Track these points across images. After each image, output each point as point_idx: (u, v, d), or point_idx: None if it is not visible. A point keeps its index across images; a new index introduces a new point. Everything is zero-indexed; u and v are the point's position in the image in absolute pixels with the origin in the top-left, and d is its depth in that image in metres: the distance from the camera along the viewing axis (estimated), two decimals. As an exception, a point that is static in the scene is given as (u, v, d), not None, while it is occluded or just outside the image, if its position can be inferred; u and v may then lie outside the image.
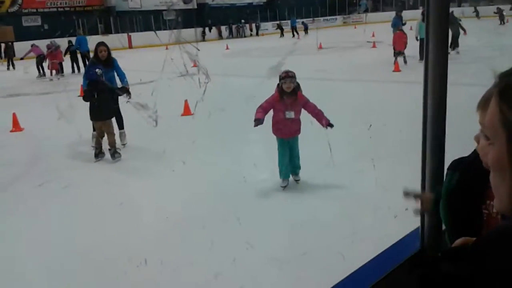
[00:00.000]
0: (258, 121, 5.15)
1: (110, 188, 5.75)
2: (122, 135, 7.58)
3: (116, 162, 6.78)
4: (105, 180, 6.09)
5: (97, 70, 6.92)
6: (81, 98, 7.28)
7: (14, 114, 9.54)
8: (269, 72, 9.12)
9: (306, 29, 35.83)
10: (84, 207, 5.19)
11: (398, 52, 14.88)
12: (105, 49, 7.57)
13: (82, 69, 18.82)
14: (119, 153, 6.86)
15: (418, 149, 1.66)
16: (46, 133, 8.72)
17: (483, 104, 1.12)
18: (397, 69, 13.97)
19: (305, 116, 5.41)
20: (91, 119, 7.03)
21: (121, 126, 7.57)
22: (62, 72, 19.04)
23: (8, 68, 22.59)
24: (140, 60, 18.48)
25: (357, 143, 6.62)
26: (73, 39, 20.01)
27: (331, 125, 5.16)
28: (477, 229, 1.33)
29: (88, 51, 19.48)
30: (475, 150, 1.27)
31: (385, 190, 4.42)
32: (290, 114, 5.23)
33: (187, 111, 9.27)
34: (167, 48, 24.52)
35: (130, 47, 31.70)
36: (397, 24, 16.84)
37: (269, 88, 5.47)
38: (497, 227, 0.83)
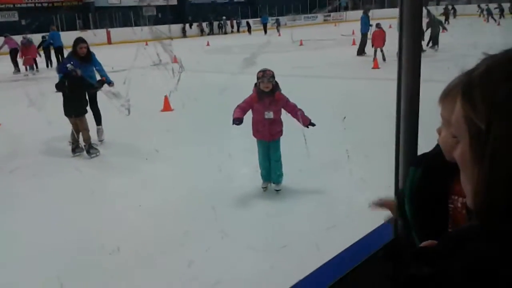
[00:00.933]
0: (237, 121, 4.94)
1: (84, 179, 5.66)
2: (99, 131, 7.48)
3: (92, 158, 6.70)
4: (79, 172, 5.95)
5: (68, 65, 6.79)
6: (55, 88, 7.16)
7: None
8: (243, 63, 9.16)
9: (278, 26, 35.29)
10: (58, 197, 5.14)
11: (377, 49, 15.11)
12: (86, 46, 7.39)
13: (55, 64, 18.82)
14: (96, 149, 6.79)
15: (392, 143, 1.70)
16: (23, 128, 8.60)
17: (444, 97, 1.14)
18: (376, 66, 14.16)
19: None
20: (65, 115, 6.88)
21: (98, 122, 7.45)
22: (37, 67, 18.95)
23: None
24: (119, 55, 18.32)
25: (332, 135, 6.61)
26: (47, 35, 20.00)
27: (312, 124, 5.00)
28: (443, 224, 1.32)
29: (61, 47, 19.72)
30: (437, 144, 1.27)
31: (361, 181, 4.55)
32: (269, 115, 5.01)
33: (167, 107, 9.20)
34: (146, 44, 24.29)
35: (109, 42, 31.41)
36: (366, 23, 16.89)
37: (242, 80, 5.42)
38: (458, 229, 0.85)
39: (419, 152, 1.62)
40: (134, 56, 5.15)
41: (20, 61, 18.93)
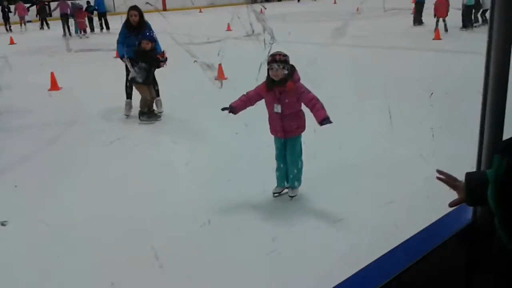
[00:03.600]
0: (229, 108, 4.35)
1: (179, 150, 5.81)
2: (158, 102, 7.53)
3: (145, 123, 7.01)
4: (175, 144, 6.12)
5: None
6: (119, 59, 7.35)
7: (52, 74, 9.82)
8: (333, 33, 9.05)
9: None
10: (150, 168, 5.33)
11: (439, 19, 14.52)
12: (136, 14, 7.19)
13: (97, 29, 20.73)
14: (153, 116, 7.12)
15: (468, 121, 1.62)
16: (83, 92, 8.98)
17: None
18: (437, 37, 13.55)
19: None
20: (132, 81, 7.09)
21: (157, 93, 7.46)
22: (85, 32, 20.17)
23: (41, 28, 23.43)
24: (178, 22, 18.58)
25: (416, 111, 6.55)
26: (92, 0, 21.03)
27: (327, 121, 4.06)
28: None
29: (105, 12, 21.01)
30: None
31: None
32: (278, 108, 4.27)
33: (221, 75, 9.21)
34: (200, 11, 24.28)
35: (164, 9, 31.69)
36: None
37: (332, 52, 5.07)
38: None
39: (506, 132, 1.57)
40: (228, 25, 5.14)
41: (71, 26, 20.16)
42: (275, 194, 4.47)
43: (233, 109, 4.35)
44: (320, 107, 4.13)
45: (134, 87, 7.16)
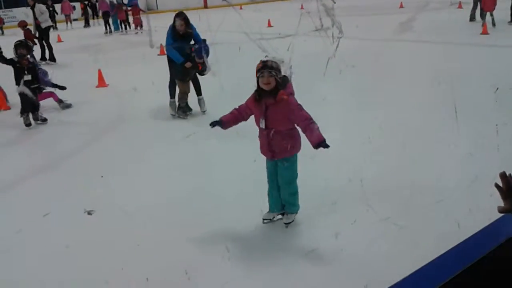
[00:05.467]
0: (217, 123, 3.83)
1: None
2: (201, 101, 7.52)
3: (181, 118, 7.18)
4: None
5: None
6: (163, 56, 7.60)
7: (99, 71, 10.07)
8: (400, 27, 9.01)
9: None
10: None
11: (486, 13, 14.09)
12: (183, 23, 7.04)
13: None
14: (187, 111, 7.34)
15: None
16: (129, 89, 9.13)
17: None
18: (485, 31, 13.06)
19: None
20: (178, 78, 7.24)
21: (199, 92, 7.48)
22: (125, 28, 21.24)
23: (86, 26, 24.71)
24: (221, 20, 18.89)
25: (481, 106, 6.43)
26: None
27: (323, 145, 3.50)
28: None
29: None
30: None
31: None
32: (262, 123, 3.70)
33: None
34: (241, 8, 24.41)
35: (206, 6, 31.96)
36: None
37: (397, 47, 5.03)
38: None
39: None
40: (298, 22, 5.19)
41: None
42: (265, 221, 3.99)
43: (223, 123, 3.84)
44: (315, 128, 3.53)
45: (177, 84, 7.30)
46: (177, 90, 7.40)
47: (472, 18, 15.67)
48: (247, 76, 3.76)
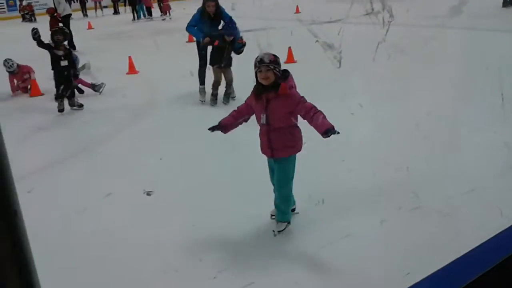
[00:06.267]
0: (217, 127, 3.69)
1: None
2: (230, 88, 7.48)
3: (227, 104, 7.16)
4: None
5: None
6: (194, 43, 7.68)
7: (130, 58, 10.21)
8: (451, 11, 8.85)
9: None
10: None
11: None
12: (213, 4, 7.11)
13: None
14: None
15: None
16: (159, 76, 9.34)
17: None
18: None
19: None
20: (211, 63, 7.30)
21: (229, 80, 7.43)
22: (151, 14, 21.62)
23: (115, 13, 25.23)
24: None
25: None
26: None
27: (332, 132, 3.31)
28: None
29: None
30: None
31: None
32: (263, 119, 3.55)
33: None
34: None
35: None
36: None
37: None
38: None
39: None
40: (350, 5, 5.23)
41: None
42: (273, 217, 3.92)
43: (223, 127, 3.70)
44: (321, 117, 3.39)
45: (213, 71, 7.30)
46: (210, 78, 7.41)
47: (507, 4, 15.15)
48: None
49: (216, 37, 7.07)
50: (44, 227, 3.85)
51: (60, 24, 11.16)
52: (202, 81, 7.62)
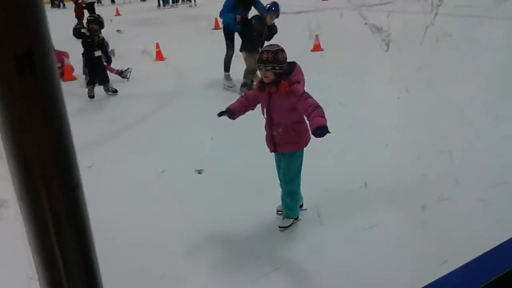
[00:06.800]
0: (225, 112, 3.65)
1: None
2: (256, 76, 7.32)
3: None
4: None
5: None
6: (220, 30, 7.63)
7: (157, 44, 10.24)
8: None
9: None
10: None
11: None
12: None
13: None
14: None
15: None
16: (185, 63, 9.39)
17: None
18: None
19: None
20: (241, 50, 7.28)
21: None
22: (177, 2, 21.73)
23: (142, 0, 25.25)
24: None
25: None
26: None
27: (324, 130, 3.05)
28: None
29: None
30: None
31: None
32: (265, 113, 3.52)
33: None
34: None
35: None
36: None
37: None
38: None
39: None
40: None
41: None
42: (279, 212, 3.86)
43: (231, 112, 3.63)
44: (319, 114, 3.14)
45: (243, 56, 7.25)
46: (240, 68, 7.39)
47: None
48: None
49: (252, 21, 7.05)
50: (104, 199, 4.06)
51: (97, 14, 11.41)
52: (227, 68, 7.65)
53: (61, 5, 25.05)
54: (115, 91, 7.82)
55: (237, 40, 7.51)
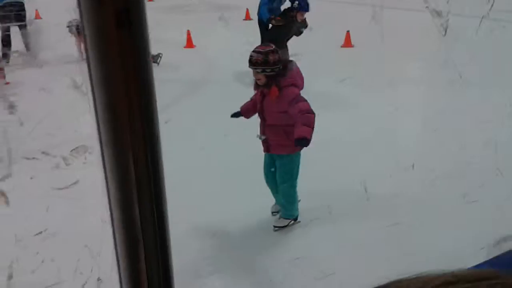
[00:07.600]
0: (237, 114, 3.62)
1: None
2: None
3: None
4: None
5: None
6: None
7: (188, 32, 10.09)
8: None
9: None
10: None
11: None
12: None
13: None
14: None
15: None
16: (215, 52, 9.26)
17: None
18: None
19: None
20: (280, 40, 6.96)
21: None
22: None
23: None
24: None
25: None
26: None
27: (304, 143, 3.10)
28: None
29: None
30: None
31: None
32: (259, 113, 3.41)
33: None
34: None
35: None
36: None
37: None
38: None
39: None
40: None
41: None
42: (274, 213, 3.71)
43: (243, 113, 3.61)
44: (304, 123, 3.08)
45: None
46: None
47: None
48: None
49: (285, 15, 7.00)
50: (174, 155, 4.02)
51: None
52: None
53: None
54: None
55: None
